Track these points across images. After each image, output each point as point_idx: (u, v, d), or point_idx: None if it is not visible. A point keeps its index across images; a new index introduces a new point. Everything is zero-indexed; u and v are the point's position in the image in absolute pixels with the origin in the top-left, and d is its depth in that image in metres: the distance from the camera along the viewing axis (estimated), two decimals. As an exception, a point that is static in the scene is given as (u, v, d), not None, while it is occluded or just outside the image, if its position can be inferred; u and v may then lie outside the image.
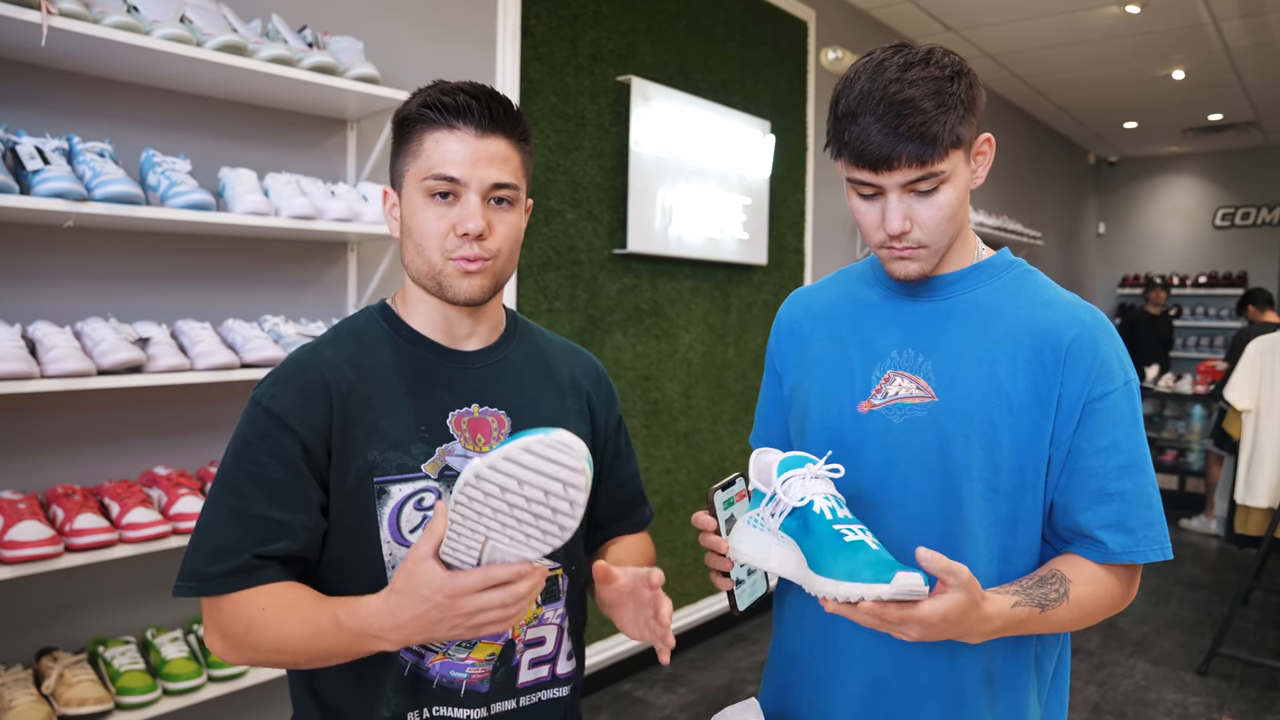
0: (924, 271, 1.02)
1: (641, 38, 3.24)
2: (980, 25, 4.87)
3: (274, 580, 0.93)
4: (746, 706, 1.06)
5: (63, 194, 1.62)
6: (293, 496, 0.94)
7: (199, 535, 0.95)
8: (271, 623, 0.90)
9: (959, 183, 0.97)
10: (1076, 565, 0.99)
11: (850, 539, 0.88)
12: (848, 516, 0.92)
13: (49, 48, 1.69)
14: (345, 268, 2.35)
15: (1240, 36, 4.95)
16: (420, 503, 0.97)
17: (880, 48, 0.98)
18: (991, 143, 1.02)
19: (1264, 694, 3.29)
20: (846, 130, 0.95)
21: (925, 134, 0.92)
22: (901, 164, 0.93)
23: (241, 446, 0.96)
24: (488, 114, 0.97)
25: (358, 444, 0.96)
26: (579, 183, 3.02)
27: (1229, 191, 8.58)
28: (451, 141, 0.96)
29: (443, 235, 0.97)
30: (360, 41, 2.19)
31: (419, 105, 0.98)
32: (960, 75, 0.95)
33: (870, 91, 0.94)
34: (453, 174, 0.96)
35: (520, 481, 0.78)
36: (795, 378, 1.16)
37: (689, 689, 3.20)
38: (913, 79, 0.93)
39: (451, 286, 0.99)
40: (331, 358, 1.00)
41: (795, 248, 4.12)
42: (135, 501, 1.76)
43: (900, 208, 0.97)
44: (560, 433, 0.79)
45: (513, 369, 1.09)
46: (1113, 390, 0.98)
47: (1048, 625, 0.95)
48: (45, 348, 1.66)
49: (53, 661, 1.74)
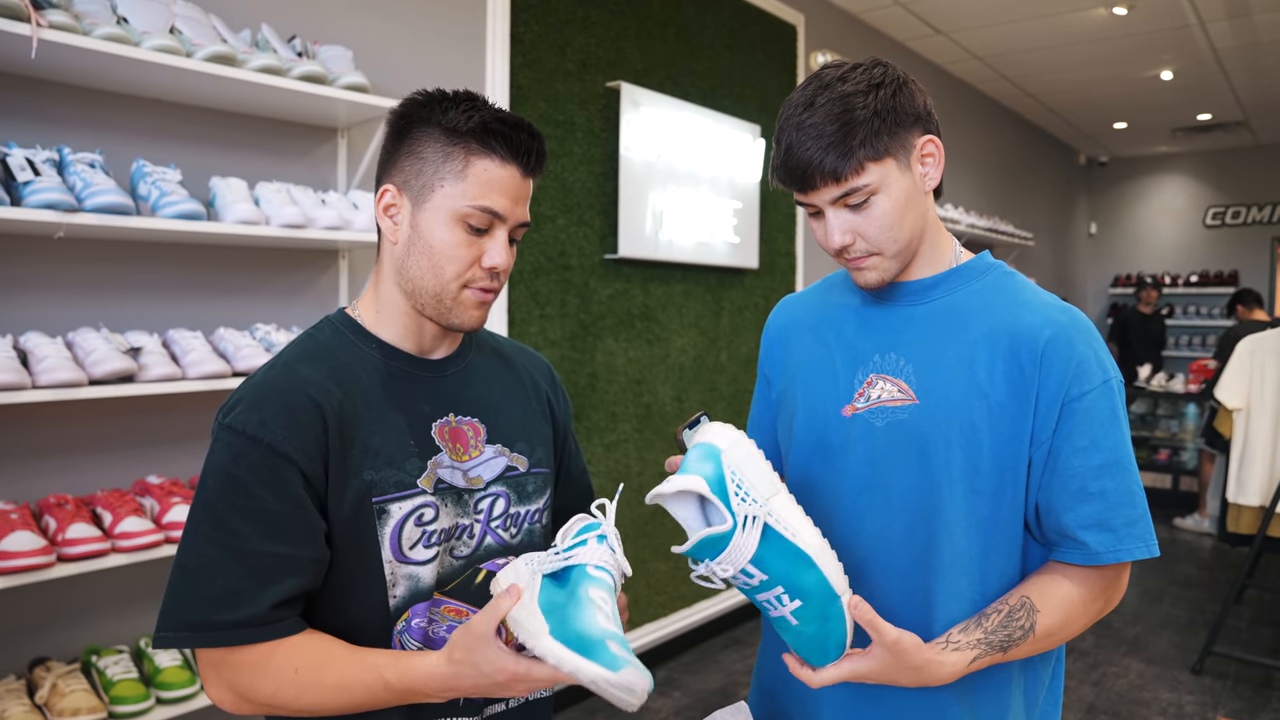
0: (884, 279, 1.03)
1: (630, 43, 3.25)
2: (969, 28, 4.90)
3: (297, 631, 0.89)
4: (736, 710, 1.07)
5: (53, 205, 1.63)
6: (295, 529, 0.89)
7: (191, 579, 0.87)
8: (306, 683, 0.87)
9: (894, 191, 0.98)
10: (1050, 587, 0.99)
11: (773, 616, 0.93)
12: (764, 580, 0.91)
13: (39, 60, 1.69)
14: (336, 276, 2.35)
15: (1227, 37, 4.99)
16: (420, 518, 0.96)
17: (823, 66, 1.02)
18: (937, 144, 1.02)
19: (1258, 692, 3.30)
20: (776, 154, 1.01)
21: (835, 150, 0.95)
22: (818, 182, 0.97)
23: (225, 480, 0.88)
24: (537, 159, 0.97)
25: (354, 465, 0.93)
26: (569, 188, 3.03)
27: (1219, 191, 8.63)
28: (502, 175, 0.95)
29: (467, 264, 0.95)
30: (350, 50, 2.20)
31: (478, 126, 0.94)
32: (880, 86, 0.97)
33: (791, 115, 0.98)
34: (499, 210, 0.95)
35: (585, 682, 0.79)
36: (783, 383, 1.17)
37: (684, 693, 3.20)
38: (826, 99, 0.96)
39: (461, 314, 0.98)
40: (313, 376, 0.95)
41: (786, 251, 4.14)
42: (128, 511, 1.76)
43: (837, 223, 1.00)
44: (627, 674, 0.77)
45: (478, 375, 1.09)
46: (1090, 390, 0.98)
47: (1019, 656, 0.98)
48: (37, 358, 1.66)
49: (46, 671, 1.74)
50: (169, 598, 0.88)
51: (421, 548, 0.96)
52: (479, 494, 1.02)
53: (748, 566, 0.90)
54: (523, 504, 1.07)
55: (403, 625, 0.96)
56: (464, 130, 0.93)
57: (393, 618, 0.95)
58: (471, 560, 1.01)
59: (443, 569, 0.98)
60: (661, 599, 3.46)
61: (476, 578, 1.01)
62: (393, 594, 0.95)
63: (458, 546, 1.00)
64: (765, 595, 0.91)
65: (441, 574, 0.98)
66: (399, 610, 0.95)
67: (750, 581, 0.91)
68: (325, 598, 0.95)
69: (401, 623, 0.96)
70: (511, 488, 1.06)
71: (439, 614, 0.98)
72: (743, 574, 0.91)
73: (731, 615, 3.82)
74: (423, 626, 0.97)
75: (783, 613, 0.91)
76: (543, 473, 1.10)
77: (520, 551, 1.06)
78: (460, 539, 1.00)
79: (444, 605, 0.99)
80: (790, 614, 0.90)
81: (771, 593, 0.91)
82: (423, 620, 0.97)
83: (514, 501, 1.06)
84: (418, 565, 0.96)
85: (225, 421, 0.91)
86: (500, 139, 0.94)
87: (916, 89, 1.01)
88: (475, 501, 1.02)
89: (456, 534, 1.00)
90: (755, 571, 0.90)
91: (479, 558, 1.02)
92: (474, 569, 1.01)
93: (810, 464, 1.09)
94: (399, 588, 0.95)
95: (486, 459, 1.04)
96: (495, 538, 1.03)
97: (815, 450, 1.09)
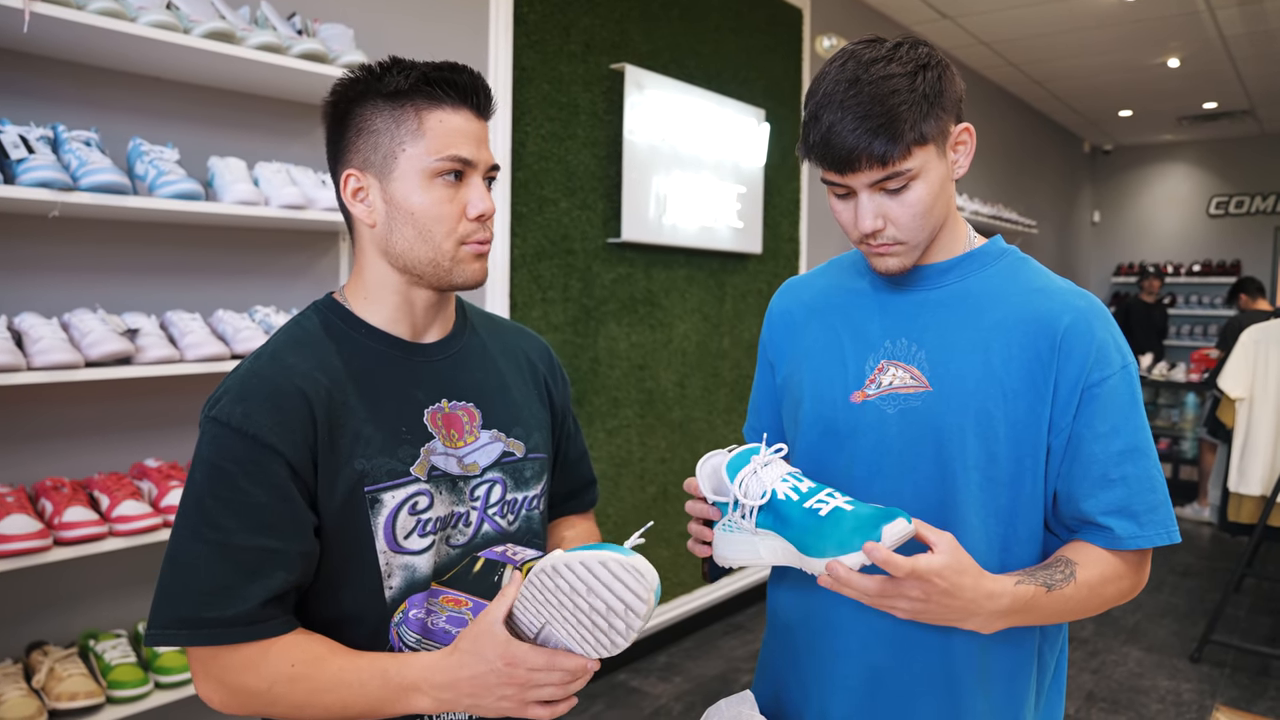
0: (904, 266, 1.01)
1: (635, 25, 3.21)
2: (975, 12, 4.85)
3: (290, 629, 0.87)
4: (741, 698, 1.06)
5: (48, 183, 1.60)
6: (283, 522, 0.87)
7: (180, 575, 0.86)
8: (301, 678, 0.85)
9: (931, 177, 0.96)
10: (1082, 550, 0.98)
11: (825, 511, 0.89)
12: (812, 488, 0.92)
13: (32, 34, 1.66)
14: (337, 257, 2.33)
15: (1236, 24, 4.94)
16: (415, 507, 0.94)
17: (853, 42, 0.98)
18: (971, 132, 1.00)
19: (1256, 680, 3.30)
20: (811, 132, 0.96)
21: (885, 133, 0.91)
22: (863, 165, 0.93)
23: (212, 473, 0.87)
24: (485, 98, 0.95)
25: (344, 454, 0.91)
26: (572, 171, 3.00)
27: (1223, 180, 8.59)
28: (458, 121, 0.93)
29: (455, 219, 0.93)
30: (350, 29, 2.17)
31: (419, 80, 0.91)
32: (926, 69, 0.94)
33: (832, 92, 0.93)
34: (466, 155, 0.93)
35: (590, 589, 0.81)
36: (788, 368, 1.15)
37: (684, 678, 3.20)
38: (873, 78, 0.92)
39: (462, 272, 0.95)
40: (300, 365, 0.92)
41: (790, 236, 4.11)
42: (125, 494, 1.74)
43: (871, 207, 0.96)
44: (639, 559, 0.81)
45: (473, 358, 1.06)
46: (1111, 375, 0.97)
47: (1056, 606, 0.94)
48: (32, 339, 1.64)
49: (43, 656, 1.73)
50: (159, 594, 0.87)
51: (416, 537, 0.94)
52: (475, 480, 1.00)
53: (792, 471, 0.94)
54: (520, 490, 1.04)
55: (399, 617, 0.94)
56: (406, 89, 0.91)
57: (389, 609, 0.93)
58: (469, 549, 0.99)
59: (439, 558, 0.96)
60: (664, 585, 3.44)
61: (475, 566, 0.99)
62: (388, 585, 0.93)
63: (454, 535, 0.98)
64: (813, 500, 0.90)
65: (438, 563, 0.96)
66: (395, 601, 0.93)
67: (799, 486, 0.92)
68: (320, 590, 0.93)
69: (399, 614, 0.94)
70: (508, 473, 1.03)
71: (437, 604, 0.96)
72: (792, 477, 0.93)
73: (733, 601, 3.82)
74: (420, 618, 0.95)
75: (835, 504, 0.89)
76: (540, 458, 1.08)
77: (519, 539, 1.04)
78: (456, 527, 0.98)
79: (442, 595, 0.97)
80: (844, 503, 0.89)
81: (822, 493, 0.91)
82: (420, 611, 0.95)
83: (511, 488, 1.03)
84: (413, 555, 0.94)
85: (211, 414, 0.89)
86: (445, 85, 0.92)
87: (955, 73, 0.98)
88: (471, 488, 0.99)
89: (452, 522, 0.98)
90: (802, 477, 0.94)
91: (476, 545, 1.00)
92: (472, 557, 0.99)
93: (818, 451, 1.07)
94: (395, 578, 0.93)
95: (482, 444, 1.01)
96: (493, 525, 1.01)
97: (823, 437, 1.07)
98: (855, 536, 0.84)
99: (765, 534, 0.93)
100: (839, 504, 0.89)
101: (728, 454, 0.98)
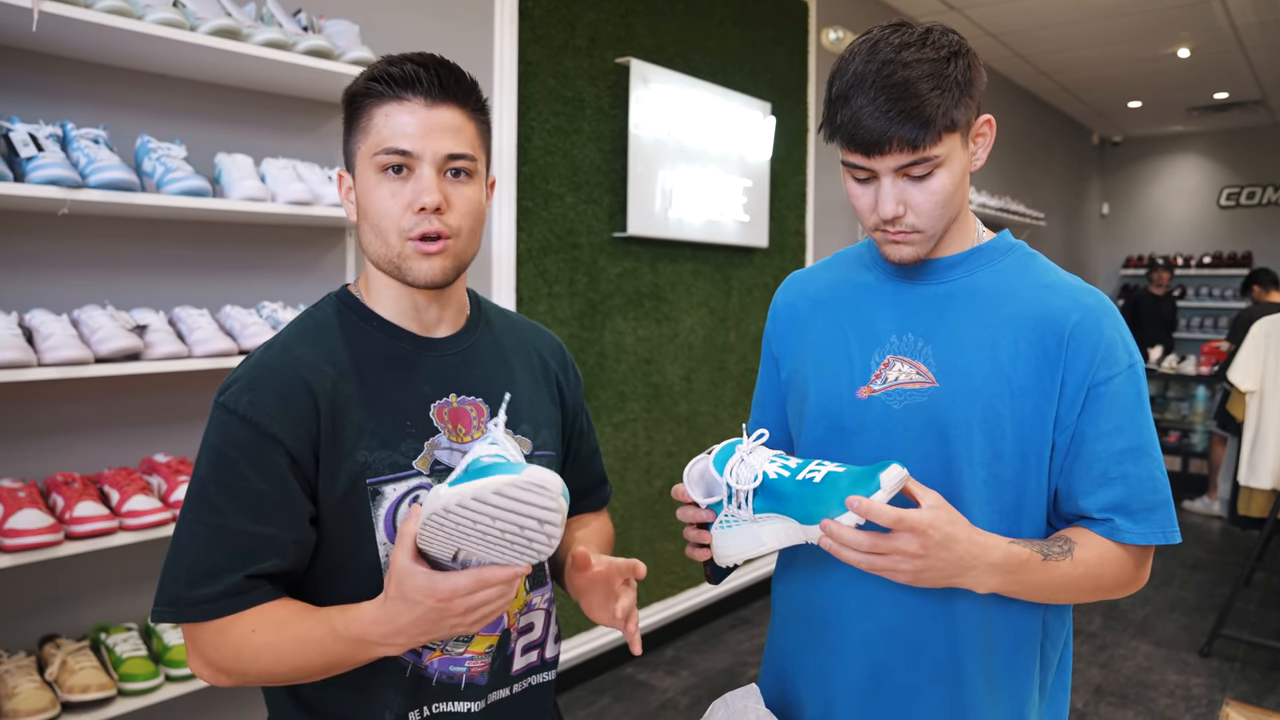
0: (919, 255, 1.01)
1: (640, 19, 3.20)
2: (982, 4, 4.82)
3: (264, 600, 0.88)
4: (746, 692, 1.06)
5: (57, 181, 1.61)
6: (279, 510, 0.89)
7: (177, 556, 0.89)
8: (263, 644, 0.86)
9: (955, 166, 0.96)
10: (1083, 533, 0.99)
11: (819, 478, 0.90)
12: (800, 463, 0.93)
13: (41, 33, 1.67)
14: (343, 253, 2.33)
15: (1247, 13, 4.89)
16: (416, 500, 0.94)
17: (879, 26, 0.97)
18: (992, 124, 1.00)
19: (1266, 675, 3.29)
20: (839, 113, 0.94)
21: (917, 118, 0.90)
22: (893, 148, 0.92)
23: (216, 459, 0.89)
24: (437, 82, 0.93)
25: (347, 446, 0.92)
26: (578, 166, 3.00)
27: (1234, 171, 8.52)
28: (401, 114, 0.92)
29: (399, 214, 0.92)
30: (356, 25, 2.17)
31: (365, 80, 0.93)
32: (958, 56, 0.93)
33: (863, 74, 0.92)
34: (404, 146, 0.91)
35: (493, 519, 0.77)
36: (793, 363, 1.15)
37: (691, 672, 3.21)
38: (906, 61, 0.91)
39: (411, 269, 0.93)
40: (307, 356, 0.94)
41: (796, 230, 4.10)
42: (135, 489, 1.76)
43: (893, 192, 0.95)
44: (532, 471, 0.77)
45: (485, 354, 1.06)
46: (1117, 374, 0.97)
47: (1050, 577, 0.94)
48: (42, 336, 1.65)
49: (55, 648, 1.74)
50: (162, 574, 0.90)
51: None
52: None
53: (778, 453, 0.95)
54: None
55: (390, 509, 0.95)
56: (360, 89, 0.94)
57: None
58: None
59: None
60: (669, 579, 3.47)
61: None
62: (387, 576, 0.93)
63: None
64: (805, 472, 0.91)
65: None
66: None
67: (787, 463, 0.93)
68: (319, 580, 0.94)
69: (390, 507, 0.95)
70: None
71: None
72: (779, 458, 0.94)
73: (739, 595, 3.82)
74: None
75: (828, 470, 0.90)
76: (548, 455, 1.08)
77: None
78: None
79: None
80: (835, 467, 0.91)
81: (812, 464, 0.92)
82: None
83: None
84: None
85: (220, 400, 0.92)
86: (385, 79, 0.92)
87: (980, 63, 0.98)
88: None
89: None
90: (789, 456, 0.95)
91: None
92: None
93: (822, 446, 1.07)
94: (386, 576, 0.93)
95: None
96: None
97: (828, 432, 1.07)
98: (854, 492, 0.85)
99: (765, 518, 0.94)
100: (831, 469, 0.90)
101: (709, 454, 0.98)
